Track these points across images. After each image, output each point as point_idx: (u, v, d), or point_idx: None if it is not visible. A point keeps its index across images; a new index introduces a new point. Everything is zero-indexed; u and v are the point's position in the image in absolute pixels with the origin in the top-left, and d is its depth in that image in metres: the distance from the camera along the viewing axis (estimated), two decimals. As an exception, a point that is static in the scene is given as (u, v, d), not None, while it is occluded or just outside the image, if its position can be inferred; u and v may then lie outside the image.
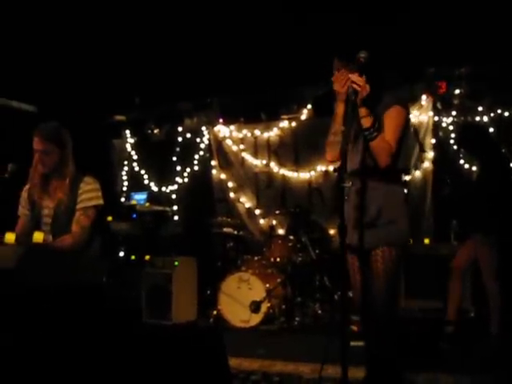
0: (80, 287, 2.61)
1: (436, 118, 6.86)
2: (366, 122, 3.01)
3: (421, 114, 6.91)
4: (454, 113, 6.76)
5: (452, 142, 6.73)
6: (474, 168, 6.51)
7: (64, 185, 3.58)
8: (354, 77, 2.98)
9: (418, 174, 6.90)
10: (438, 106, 6.85)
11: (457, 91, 6.71)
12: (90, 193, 3.60)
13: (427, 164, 6.88)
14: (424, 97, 6.86)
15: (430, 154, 6.87)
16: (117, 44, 6.07)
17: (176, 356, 2.77)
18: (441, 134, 6.85)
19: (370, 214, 3.07)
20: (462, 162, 6.62)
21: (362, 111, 3.01)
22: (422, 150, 6.91)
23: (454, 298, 5.17)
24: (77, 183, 3.61)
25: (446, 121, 6.81)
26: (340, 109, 3.13)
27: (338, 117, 3.15)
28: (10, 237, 2.85)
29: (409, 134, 3.34)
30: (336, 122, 3.17)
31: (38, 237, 2.94)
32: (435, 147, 6.86)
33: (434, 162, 6.84)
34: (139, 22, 5.72)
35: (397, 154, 3.10)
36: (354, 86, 2.96)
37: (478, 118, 6.60)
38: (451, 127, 6.76)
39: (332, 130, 3.23)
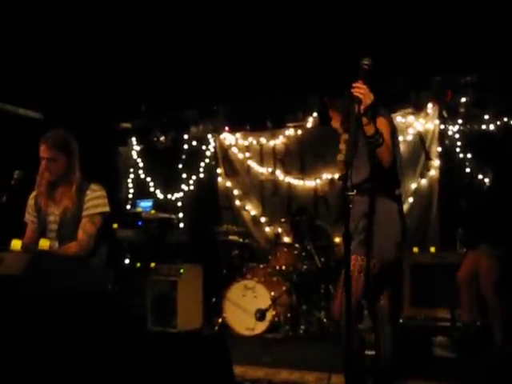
0: (85, 294, 2.61)
1: (442, 126, 6.85)
2: (369, 130, 3.04)
3: (427, 123, 6.90)
4: (460, 121, 6.75)
5: (458, 150, 6.72)
6: (480, 176, 6.50)
7: (70, 192, 3.59)
8: (358, 85, 3.00)
9: (423, 182, 6.88)
10: (444, 114, 6.84)
11: (463, 99, 6.70)
12: (96, 200, 3.61)
13: (433, 172, 6.86)
14: (430, 105, 6.85)
15: (436, 163, 6.85)
16: (123, 52, 6.09)
17: (181, 364, 2.76)
18: (447, 142, 6.84)
19: (353, 224, 3.09)
20: (468, 170, 6.61)
21: (364, 120, 3.03)
22: (428, 158, 6.90)
23: (465, 309, 5.17)
24: (83, 190, 3.61)
25: (452, 129, 6.79)
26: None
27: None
28: (16, 244, 2.86)
29: (397, 145, 3.39)
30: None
31: (43, 244, 2.95)
32: (441, 155, 6.85)
33: (440, 170, 6.83)
34: (145, 30, 5.74)
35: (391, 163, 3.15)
36: (358, 94, 2.98)
37: (484, 126, 6.59)
38: (457, 135, 6.75)
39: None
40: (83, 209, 3.57)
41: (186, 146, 8.36)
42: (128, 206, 8.39)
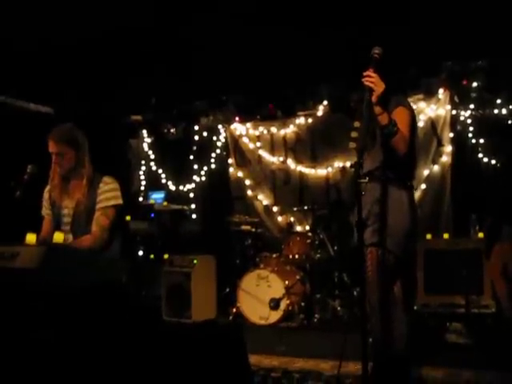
0: (100, 286, 2.63)
1: (454, 112, 6.79)
2: (383, 120, 3.02)
3: (438, 108, 6.85)
4: (471, 106, 6.69)
5: (470, 135, 6.66)
6: (494, 161, 6.46)
7: (82, 185, 3.61)
8: (369, 73, 2.98)
9: (436, 168, 6.84)
10: (456, 99, 6.78)
11: (474, 84, 6.64)
12: (108, 193, 3.62)
13: (445, 158, 6.82)
14: (441, 90, 6.80)
15: (448, 148, 6.81)
16: (132, 45, 6.09)
17: (197, 354, 2.78)
18: (459, 127, 6.78)
19: (365, 211, 3.09)
20: (480, 155, 6.56)
21: (378, 109, 3.01)
22: (440, 144, 6.86)
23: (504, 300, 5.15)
24: (96, 183, 3.63)
25: (464, 114, 6.74)
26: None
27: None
28: (30, 238, 2.88)
29: (416, 135, 3.37)
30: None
31: (58, 237, 2.97)
32: (453, 141, 6.80)
33: (453, 155, 6.79)
34: (154, 23, 5.74)
35: (409, 152, 3.13)
36: (369, 83, 2.96)
37: (496, 111, 6.53)
38: (469, 120, 6.70)
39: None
40: (96, 202, 3.58)
41: (196, 137, 8.36)
42: (140, 199, 8.43)
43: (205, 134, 8.33)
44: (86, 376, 2.18)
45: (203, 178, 8.31)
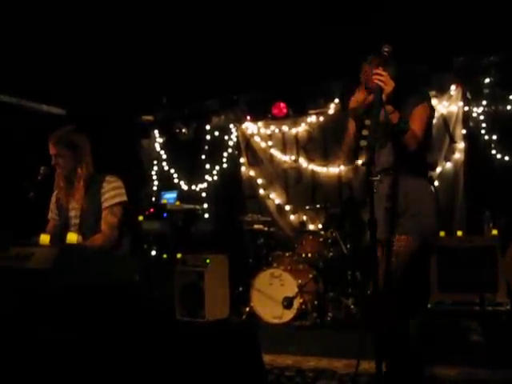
0: (113, 286, 2.64)
1: (466, 108, 6.75)
2: (394, 118, 3.01)
3: (450, 105, 6.81)
4: (484, 102, 6.64)
5: (483, 131, 6.62)
6: (507, 158, 6.42)
7: (86, 185, 3.65)
8: (379, 72, 2.97)
9: (448, 165, 6.80)
10: (468, 95, 6.74)
11: (487, 80, 6.60)
12: (112, 191, 3.65)
13: (458, 155, 6.77)
14: (453, 87, 6.76)
15: (461, 145, 6.77)
16: (142, 44, 6.10)
17: (210, 353, 2.78)
18: (471, 124, 6.74)
19: (396, 206, 3.08)
20: (493, 151, 6.51)
21: (389, 108, 3.00)
22: (453, 141, 6.81)
23: None
24: (99, 183, 3.66)
25: (477, 110, 6.69)
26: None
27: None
28: (44, 238, 2.89)
29: (432, 132, 3.35)
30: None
31: (71, 238, 2.98)
32: (466, 138, 6.76)
33: (465, 152, 6.74)
34: (165, 22, 5.75)
35: (424, 146, 3.12)
36: (379, 81, 2.95)
37: (509, 107, 6.48)
38: (482, 117, 6.65)
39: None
40: (102, 201, 3.61)
41: (208, 137, 8.37)
42: (153, 198, 8.46)
43: (216, 133, 8.34)
44: (98, 376, 2.19)
45: (215, 178, 8.32)
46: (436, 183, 6.69)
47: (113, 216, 3.59)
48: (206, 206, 8.25)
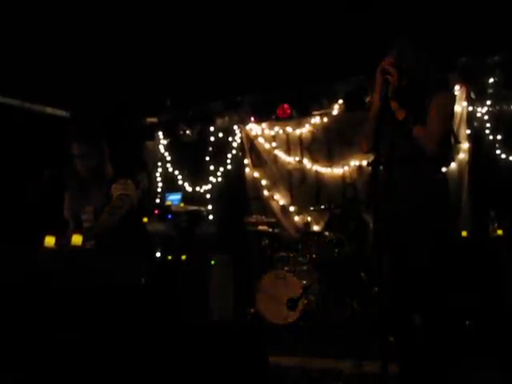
0: (119, 288, 2.65)
1: (470, 108, 6.73)
2: (400, 115, 2.99)
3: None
4: (488, 102, 6.63)
5: (487, 131, 6.60)
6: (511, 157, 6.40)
7: (101, 188, 3.66)
8: (388, 66, 2.95)
9: (453, 165, 6.78)
10: (472, 95, 6.72)
11: (491, 80, 6.58)
12: (117, 187, 3.68)
13: (462, 155, 6.76)
14: (457, 87, 6.74)
15: (466, 145, 6.75)
16: (146, 47, 6.11)
17: (215, 353, 2.79)
18: (476, 124, 6.72)
19: (410, 203, 3.04)
20: (498, 151, 6.50)
21: (394, 104, 2.98)
22: (457, 142, 6.79)
23: None
24: (110, 186, 3.68)
25: (481, 110, 6.67)
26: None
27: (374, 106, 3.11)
28: (49, 240, 2.90)
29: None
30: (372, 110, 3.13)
31: (76, 240, 2.99)
32: (470, 138, 6.74)
33: (470, 152, 6.73)
34: (168, 25, 5.75)
35: (447, 142, 3.06)
36: (387, 75, 2.93)
37: (514, 107, 6.47)
38: (486, 117, 6.63)
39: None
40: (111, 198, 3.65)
41: (212, 138, 8.38)
42: (157, 200, 8.48)
43: (220, 134, 8.34)
44: (104, 376, 2.20)
45: (219, 179, 8.32)
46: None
47: (119, 200, 3.61)
48: (210, 207, 8.26)
